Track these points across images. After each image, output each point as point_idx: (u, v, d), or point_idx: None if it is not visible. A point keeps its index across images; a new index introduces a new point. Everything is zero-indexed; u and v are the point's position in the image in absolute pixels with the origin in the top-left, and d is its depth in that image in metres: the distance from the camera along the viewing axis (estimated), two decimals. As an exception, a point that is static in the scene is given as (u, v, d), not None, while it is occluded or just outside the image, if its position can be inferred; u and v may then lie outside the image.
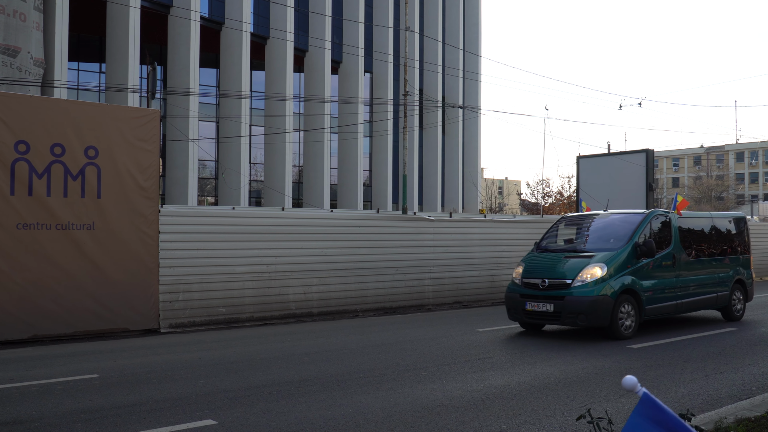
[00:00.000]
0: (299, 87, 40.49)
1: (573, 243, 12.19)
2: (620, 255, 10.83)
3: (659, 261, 11.40)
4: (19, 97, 11.76)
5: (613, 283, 10.52)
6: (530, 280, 11.15)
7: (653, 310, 11.17)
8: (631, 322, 10.69)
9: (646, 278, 11.06)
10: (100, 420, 6.14)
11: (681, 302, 11.72)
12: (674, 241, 11.84)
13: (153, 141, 11.98)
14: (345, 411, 6.46)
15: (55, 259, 10.88)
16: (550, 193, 51.83)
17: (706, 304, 12.42)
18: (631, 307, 10.71)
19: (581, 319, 10.40)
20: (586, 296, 10.39)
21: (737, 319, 12.91)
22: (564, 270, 10.92)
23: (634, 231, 11.28)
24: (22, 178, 10.71)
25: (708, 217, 13.45)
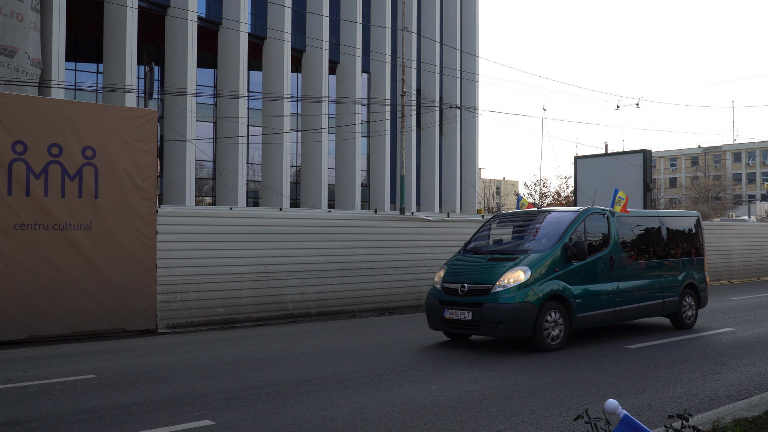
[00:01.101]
0: (297, 87, 40.48)
1: (501, 244, 11.11)
2: (547, 257, 9.78)
3: (595, 264, 10.35)
4: (16, 97, 11.74)
5: (537, 288, 9.51)
6: (450, 285, 10.06)
7: (586, 318, 10.12)
8: (559, 332, 9.69)
9: (578, 283, 10.02)
10: (97, 420, 6.14)
11: (621, 309, 10.66)
12: (613, 242, 10.77)
13: (150, 141, 11.97)
14: (343, 411, 6.47)
15: (53, 259, 10.87)
16: (548, 193, 51.87)
17: (651, 311, 11.45)
18: (559, 315, 9.70)
19: (501, 329, 9.38)
20: (506, 303, 9.36)
21: (688, 327, 11.91)
22: (485, 274, 9.88)
23: (564, 231, 10.19)
24: (20, 179, 10.69)
25: (654, 216, 12.32)
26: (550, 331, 9.61)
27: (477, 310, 9.57)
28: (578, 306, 9.96)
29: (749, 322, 12.78)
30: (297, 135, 39.98)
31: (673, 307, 11.81)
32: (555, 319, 9.69)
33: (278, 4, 35.89)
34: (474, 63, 51.16)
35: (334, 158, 41.75)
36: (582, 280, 10.14)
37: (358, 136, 41.03)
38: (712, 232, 24.09)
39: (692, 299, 12.24)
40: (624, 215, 11.38)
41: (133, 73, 29.46)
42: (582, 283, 10.13)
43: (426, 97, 46.87)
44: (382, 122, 42.35)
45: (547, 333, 9.57)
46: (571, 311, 9.87)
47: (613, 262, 10.66)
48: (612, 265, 10.62)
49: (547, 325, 9.59)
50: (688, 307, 12.13)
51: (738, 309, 14.95)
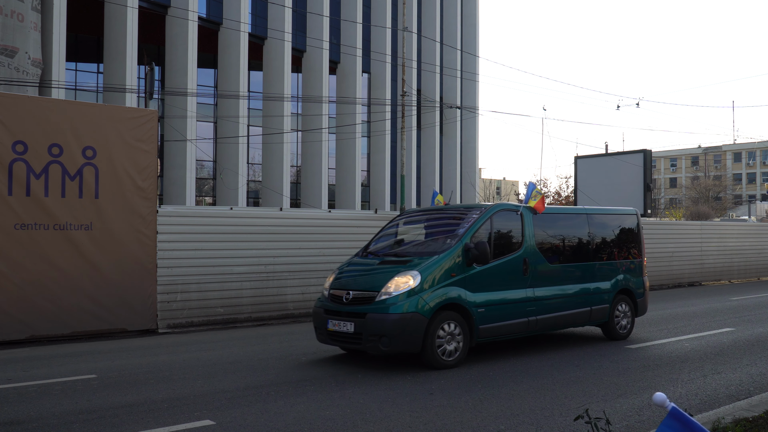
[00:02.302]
0: (297, 87, 40.48)
1: (401, 245, 9.86)
2: (442, 260, 8.57)
3: (503, 268, 9.19)
4: (16, 97, 11.74)
5: (429, 296, 8.30)
6: (336, 292, 8.89)
7: (492, 330, 8.92)
8: (456, 346, 8.47)
9: (482, 290, 8.83)
10: (98, 420, 6.14)
11: (536, 319, 9.45)
12: (527, 242, 9.52)
13: (151, 141, 11.97)
14: (343, 411, 6.47)
15: (53, 259, 10.87)
16: (548, 193, 51.89)
17: (575, 320, 10.24)
18: (455, 327, 8.49)
19: (384, 343, 8.12)
20: (391, 313, 8.13)
21: (622, 337, 10.77)
22: (371, 280, 8.72)
23: (466, 230, 8.97)
24: (20, 179, 10.69)
25: (580, 213, 10.96)
26: (444, 346, 8.36)
27: (359, 321, 8.31)
28: (481, 316, 8.73)
29: (749, 322, 12.78)
30: (297, 135, 39.97)
31: (603, 315, 10.56)
32: (450, 332, 8.45)
33: (278, 4, 35.90)
34: (474, 63, 51.15)
35: (334, 158, 41.75)
36: (487, 287, 8.92)
37: (358, 136, 41.02)
38: (712, 232, 24.10)
39: (627, 307, 10.99)
40: (545, 213, 10.11)
41: (134, 73, 29.46)
42: (487, 290, 8.90)
43: (426, 97, 46.86)
44: (382, 122, 42.35)
45: (440, 348, 8.33)
46: (471, 322, 8.65)
47: (527, 265, 9.45)
48: (526, 269, 9.43)
49: (441, 339, 8.34)
50: (622, 316, 10.86)
51: (738, 309, 14.95)
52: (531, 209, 9.79)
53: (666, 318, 13.42)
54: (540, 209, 9.84)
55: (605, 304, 10.59)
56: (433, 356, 8.29)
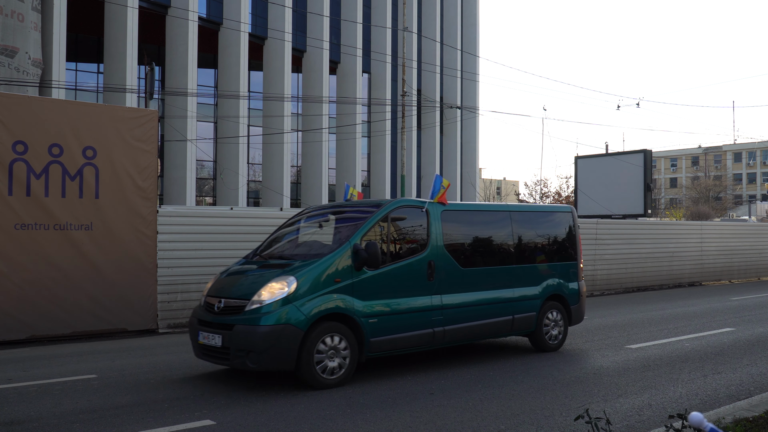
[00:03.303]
0: (297, 87, 40.48)
1: (292, 246, 8.88)
2: (324, 264, 7.53)
3: (403, 272, 8.12)
4: (17, 97, 11.75)
5: (306, 305, 7.27)
6: (211, 300, 7.88)
7: (387, 344, 7.86)
8: (340, 363, 7.43)
9: (374, 297, 7.79)
10: (98, 420, 6.14)
11: (444, 330, 8.36)
12: (433, 243, 8.43)
13: (151, 141, 11.97)
14: (343, 411, 6.47)
15: (53, 259, 10.87)
16: (548, 193, 51.88)
17: (493, 330, 9.16)
18: (340, 340, 7.46)
19: (252, 360, 7.12)
20: (260, 325, 7.14)
21: (551, 348, 9.72)
22: (245, 286, 7.73)
23: (357, 229, 7.94)
24: (20, 179, 10.69)
25: (501, 211, 9.86)
26: (325, 362, 7.33)
27: (227, 334, 7.32)
28: (373, 327, 7.69)
29: (750, 322, 12.77)
30: (297, 135, 39.98)
31: (529, 324, 9.51)
32: (333, 346, 7.42)
33: (279, 4, 35.90)
34: (474, 63, 51.15)
35: (334, 158, 41.76)
36: (382, 294, 7.87)
37: (358, 136, 41.03)
38: (712, 232, 24.10)
39: (559, 315, 9.92)
40: (456, 209, 9.15)
41: (134, 73, 29.46)
42: (382, 298, 7.86)
43: (426, 97, 46.86)
44: (382, 122, 42.35)
45: (320, 364, 7.30)
46: (361, 334, 7.61)
47: (433, 269, 8.34)
48: (431, 273, 8.32)
49: (321, 355, 7.33)
50: (552, 325, 9.81)
51: (738, 309, 14.94)
52: (440, 206, 8.69)
53: (666, 318, 13.42)
54: (445, 203, 8.77)
55: (531, 312, 9.51)
56: (310, 374, 7.22)
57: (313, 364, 7.26)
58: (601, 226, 19.86)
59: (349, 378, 7.55)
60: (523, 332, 9.62)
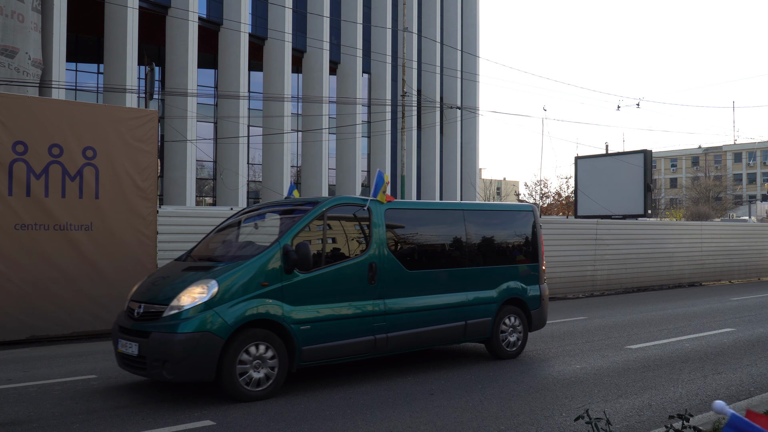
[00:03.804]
0: (297, 88, 40.48)
1: (220, 247, 8.28)
2: (250, 266, 7.01)
3: (341, 275, 7.61)
4: (17, 97, 11.74)
5: (227, 311, 6.74)
6: (133, 305, 7.34)
7: (320, 352, 7.32)
8: (267, 373, 6.91)
9: (307, 302, 7.27)
10: (98, 421, 6.14)
11: (386, 337, 7.83)
12: (375, 243, 7.89)
13: (151, 142, 11.97)
14: (343, 411, 6.47)
15: (53, 259, 10.87)
16: (548, 193, 51.88)
17: (444, 336, 8.59)
18: (267, 349, 6.93)
19: (169, 370, 6.60)
20: (176, 333, 6.62)
21: (509, 356, 9.16)
22: (166, 289, 7.18)
23: (288, 229, 7.42)
24: (20, 179, 10.69)
25: (455, 209, 9.23)
26: (250, 373, 6.81)
27: (143, 342, 6.80)
28: (305, 335, 7.16)
29: (750, 322, 12.77)
30: (297, 135, 39.98)
31: (484, 330, 8.95)
32: (259, 355, 6.88)
33: (279, 5, 35.90)
34: (474, 63, 51.16)
35: (334, 158, 41.78)
36: (316, 298, 7.36)
37: (358, 137, 41.04)
38: (712, 232, 24.10)
39: (518, 320, 9.37)
40: (401, 208, 8.62)
41: (134, 73, 29.47)
42: (316, 302, 7.34)
43: (426, 97, 46.86)
44: (382, 122, 42.36)
45: (244, 375, 6.78)
46: (291, 342, 7.09)
47: (375, 271, 7.81)
48: (373, 275, 7.79)
49: (245, 365, 6.79)
50: (511, 331, 9.26)
51: (739, 309, 14.95)
52: (384, 204, 8.14)
53: (666, 318, 13.43)
54: (390, 200, 8.22)
55: (486, 317, 8.95)
56: (233, 386, 6.69)
57: (235, 375, 6.71)
58: (601, 227, 19.87)
59: (277, 389, 6.98)
60: (478, 338, 9.06)
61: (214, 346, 6.63)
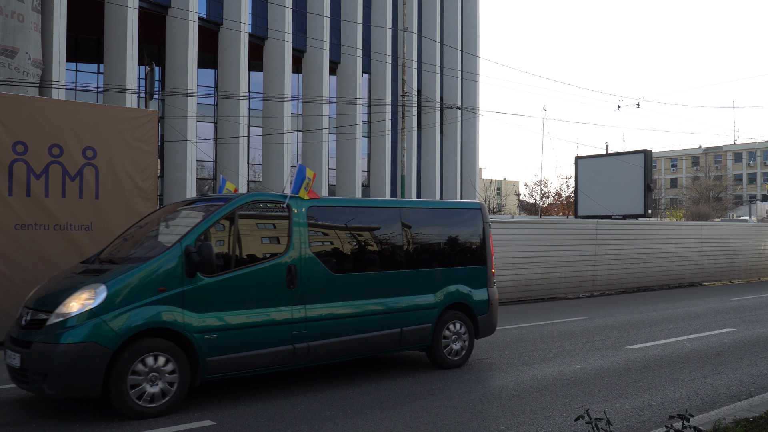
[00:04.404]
0: (297, 88, 40.49)
1: (127, 247, 7.51)
2: (144, 270, 6.40)
3: (254, 278, 6.98)
4: (17, 97, 11.74)
5: (117, 319, 6.13)
6: (25, 311, 6.75)
7: (229, 363, 6.72)
8: (164, 388, 6.32)
9: (213, 308, 6.66)
10: (98, 421, 6.13)
11: (308, 346, 7.22)
12: (295, 244, 7.27)
13: (151, 142, 11.96)
14: (343, 411, 6.47)
15: (54, 259, 10.85)
16: (549, 193, 51.93)
17: (376, 345, 7.89)
18: (166, 361, 6.36)
19: (50, 384, 6.01)
20: (58, 343, 6.02)
21: (453, 365, 8.53)
22: (56, 294, 6.55)
23: (192, 229, 6.81)
24: (20, 179, 10.69)
25: (389, 207, 8.55)
26: (143, 387, 6.18)
27: (25, 353, 6.21)
28: (211, 345, 6.56)
29: (750, 322, 12.77)
30: (297, 135, 39.98)
31: (423, 338, 8.32)
32: (156, 367, 6.28)
33: (279, 5, 35.91)
34: (475, 63, 51.16)
35: (334, 158, 41.78)
36: (224, 304, 6.75)
37: (358, 137, 41.03)
38: (713, 232, 24.09)
39: (462, 326, 8.71)
40: (328, 205, 7.99)
41: (134, 73, 29.46)
42: (224, 309, 6.73)
43: (426, 97, 46.86)
44: (382, 122, 42.36)
45: (136, 388, 6.16)
46: (194, 353, 6.50)
47: (294, 274, 7.20)
48: (292, 279, 7.18)
49: (139, 377, 6.18)
50: (455, 338, 8.61)
51: (739, 309, 14.94)
52: (306, 201, 7.55)
53: (667, 318, 13.42)
54: (314, 197, 7.64)
55: (426, 324, 8.31)
56: (122, 401, 6.07)
57: (126, 390, 6.09)
58: (601, 227, 19.87)
59: (177, 404, 6.39)
60: (417, 346, 8.42)
61: (101, 357, 6.02)
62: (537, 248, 17.88)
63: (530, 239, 17.87)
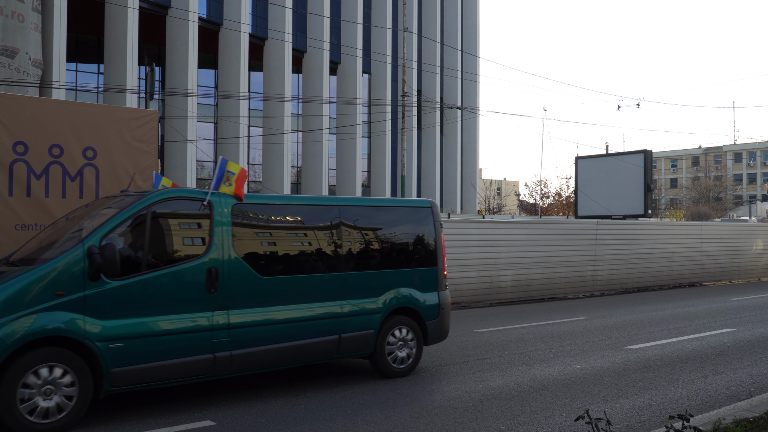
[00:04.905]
0: (297, 88, 40.50)
1: (38, 247, 6.99)
2: (39, 273, 5.89)
3: (167, 282, 6.45)
4: (17, 98, 11.74)
5: (4, 327, 5.61)
6: None
7: (137, 375, 6.18)
8: (60, 402, 5.78)
9: (119, 315, 6.12)
10: (98, 421, 6.14)
11: (231, 355, 6.73)
12: (216, 245, 6.76)
13: (151, 142, 11.96)
14: (343, 412, 6.47)
15: (54, 260, 10.86)
16: (549, 193, 51.95)
17: (310, 352, 7.37)
18: (64, 373, 5.82)
19: None
20: None
21: (398, 374, 8.01)
22: None
23: (96, 228, 6.29)
24: (21, 179, 10.69)
25: (327, 205, 7.98)
26: (36, 401, 5.68)
27: None
28: (116, 354, 6.02)
29: (750, 322, 12.77)
30: (298, 135, 40.00)
31: (365, 345, 7.78)
32: (50, 380, 5.75)
33: (279, 5, 35.92)
34: (475, 63, 51.18)
35: (334, 159, 41.80)
36: (133, 310, 6.22)
37: (358, 137, 41.05)
38: (713, 232, 24.09)
39: (409, 332, 8.19)
40: (256, 203, 7.40)
41: (134, 73, 29.48)
42: (133, 315, 6.20)
43: (427, 97, 46.88)
44: (382, 123, 42.37)
45: (27, 403, 5.65)
46: (98, 364, 5.97)
47: (216, 277, 6.68)
48: (212, 282, 6.66)
49: (30, 390, 5.66)
50: (400, 345, 8.08)
51: (739, 309, 14.94)
52: (231, 199, 7.00)
53: (667, 318, 13.43)
54: (239, 195, 7.04)
55: (368, 330, 7.79)
56: (12, 417, 5.55)
57: (15, 404, 5.56)
58: (602, 227, 19.87)
59: (77, 420, 5.87)
60: (358, 354, 7.86)
61: None
62: (537, 248, 17.89)
63: (530, 239, 17.88)
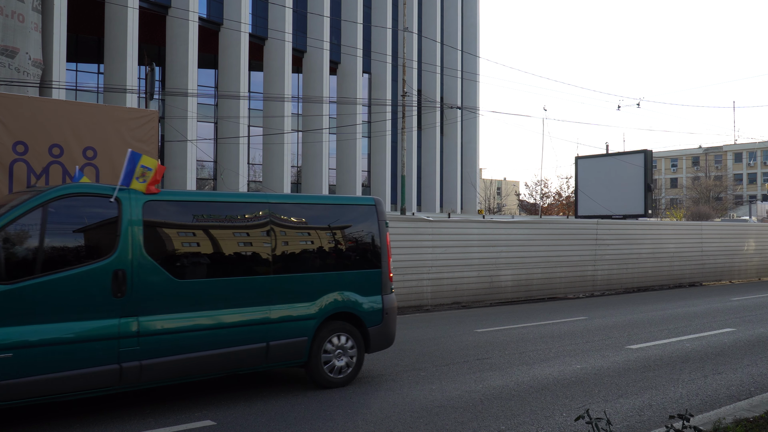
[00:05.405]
0: (298, 88, 40.50)
1: None
2: None
3: (66, 285, 5.90)
4: (17, 97, 11.74)
5: None
6: None
7: (29, 388, 5.65)
8: None
9: (9, 321, 5.61)
10: (98, 421, 6.14)
11: (141, 365, 6.18)
12: (124, 245, 6.24)
13: (151, 142, 11.96)
14: (343, 411, 6.47)
15: (54, 259, 10.86)
16: (549, 193, 51.94)
17: (233, 362, 6.83)
18: None
19: None
20: None
21: (336, 384, 7.47)
22: None
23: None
24: (21, 179, 10.69)
25: (254, 202, 7.37)
26: None
27: None
28: (4, 366, 5.52)
29: (750, 322, 12.77)
30: (298, 135, 39.99)
31: (297, 353, 7.24)
32: None
33: (279, 5, 35.92)
34: (475, 63, 51.18)
35: (335, 159, 41.80)
36: (23, 317, 5.69)
37: (358, 137, 41.05)
38: (713, 232, 24.08)
39: (349, 340, 7.67)
40: (171, 200, 6.82)
41: (134, 73, 29.48)
42: (23, 322, 5.68)
43: (427, 97, 46.87)
44: (382, 122, 42.37)
45: None
46: None
47: (123, 281, 6.15)
48: (119, 286, 6.13)
49: None
50: (338, 353, 7.56)
51: (739, 309, 14.94)
52: (143, 195, 6.49)
53: (667, 318, 13.43)
54: (152, 192, 6.53)
55: (301, 337, 7.24)
56: None
57: None
58: (602, 227, 19.88)
59: None
60: (291, 362, 7.29)
61: None
62: (537, 248, 17.89)
63: (530, 239, 17.88)
